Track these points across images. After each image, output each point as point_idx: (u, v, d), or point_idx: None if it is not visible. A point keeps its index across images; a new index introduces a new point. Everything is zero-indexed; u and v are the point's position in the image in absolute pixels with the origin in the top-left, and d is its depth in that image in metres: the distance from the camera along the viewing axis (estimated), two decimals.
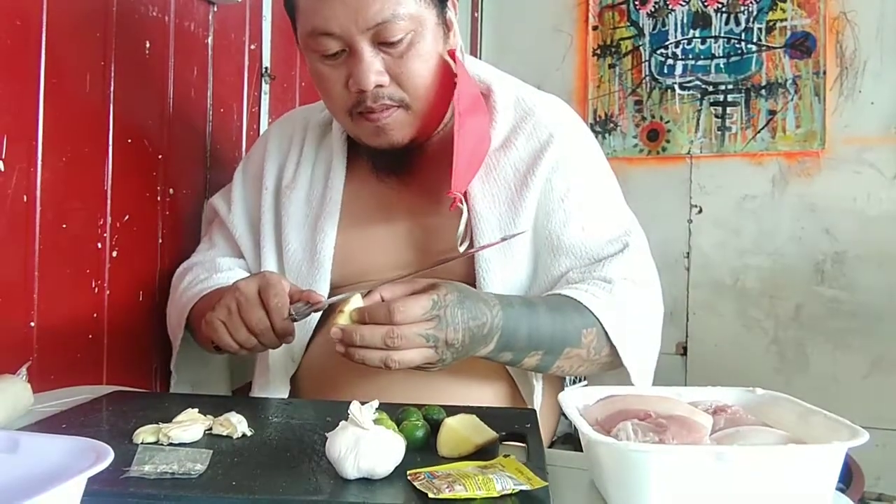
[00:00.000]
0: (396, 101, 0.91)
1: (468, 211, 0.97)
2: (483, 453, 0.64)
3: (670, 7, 2.43)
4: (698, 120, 2.38)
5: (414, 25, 0.88)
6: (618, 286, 0.92)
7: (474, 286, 0.96)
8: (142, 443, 0.66)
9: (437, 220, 0.98)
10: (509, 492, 0.54)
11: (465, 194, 0.97)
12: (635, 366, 0.91)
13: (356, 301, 0.79)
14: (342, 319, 0.78)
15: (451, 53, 0.95)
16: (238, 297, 0.85)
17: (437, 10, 0.92)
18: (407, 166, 0.99)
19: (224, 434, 0.70)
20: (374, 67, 0.88)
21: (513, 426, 0.72)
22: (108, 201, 1.09)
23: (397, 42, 0.87)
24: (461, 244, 0.93)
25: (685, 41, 2.41)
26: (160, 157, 1.20)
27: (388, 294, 0.81)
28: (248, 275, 1.02)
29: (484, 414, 0.70)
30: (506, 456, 0.62)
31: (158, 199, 1.20)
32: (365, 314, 0.76)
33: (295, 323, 0.85)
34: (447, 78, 0.94)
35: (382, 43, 0.87)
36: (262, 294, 0.84)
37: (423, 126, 0.95)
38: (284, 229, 1.03)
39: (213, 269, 1.07)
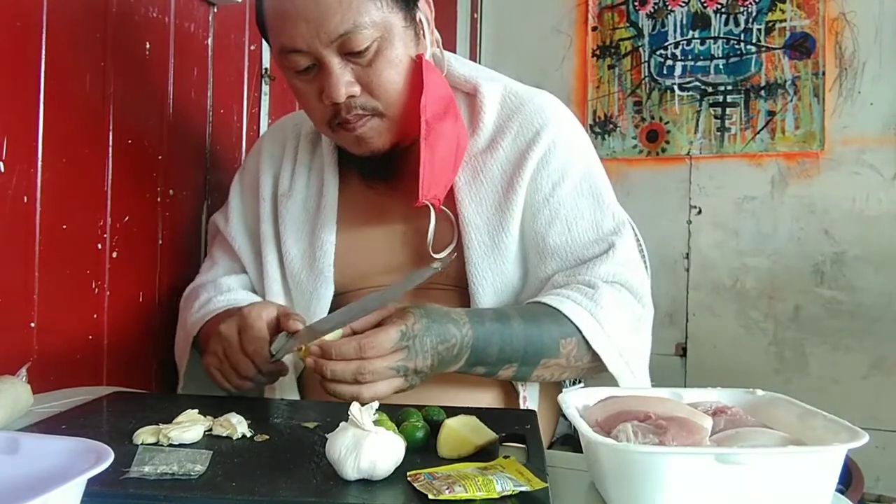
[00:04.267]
0: (370, 110, 0.91)
1: (455, 217, 0.97)
2: (483, 454, 0.64)
3: (670, 8, 2.43)
4: (698, 121, 2.39)
5: (379, 32, 0.87)
6: (601, 290, 0.90)
7: (467, 290, 0.97)
8: (142, 444, 0.66)
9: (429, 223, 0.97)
10: (509, 493, 0.54)
11: (452, 198, 0.97)
12: (621, 371, 0.90)
13: (334, 337, 0.79)
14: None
15: (419, 58, 0.93)
16: (223, 344, 0.85)
17: (403, 12, 0.90)
18: (395, 171, 0.99)
19: (224, 435, 0.70)
20: (343, 79, 0.87)
21: (513, 427, 0.72)
22: (108, 202, 1.09)
23: (364, 51, 0.87)
24: (436, 251, 0.94)
25: (684, 42, 2.41)
26: (160, 158, 1.20)
27: (358, 325, 0.80)
28: (245, 300, 1.02)
29: (484, 415, 0.70)
30: (506, 457, 0.62)
31: (158, 200, 1.20)
32: (332, 351, 0.75)
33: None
34: (423, 80, 0.92)
35: (349, 53, 0.87)
36: (241, 338, 0.84)
37: (403, 131, 0.94)
38: (283, 237, 1.04)
39: (216, 290, 1.06)
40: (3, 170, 0.92)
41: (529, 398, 0.97)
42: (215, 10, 1.32)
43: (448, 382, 0.92)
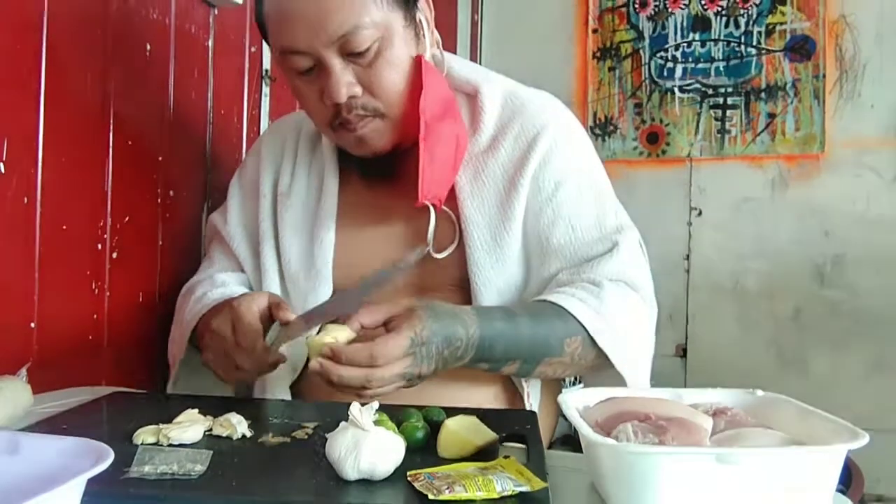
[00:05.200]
0: (371, 111, 0.90)
1: (457, 216, 0.97)
2: (483, 454, 0.64)
3: (670, 10, 2.43)
4: (698, 123, 2.39)
5: (380, 32, 0.87)
6: (606, 289, 0.91)
7: (469, 290, 0.97)
8: (142, 443, 0.66)
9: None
10: (509, 493, 0.54)
11: (454, 198, 0.97)
12: (627, 369, 0.90)
13: (334, 330, 0.78)
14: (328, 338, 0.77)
15: (419, 59, 0.92)
16: (217, 340, 0.85)
17: (403, 12, 0.90)
18: (396, 171, 0.99)
19: (224, 435, 0.70)
20: (344, 80, 0.87)
21: (513, 427, 0.72)
22: (109, 203, 1.09)
23: (365, 52, 0.87)
24: (438, 251, 0.94)
25: (685, 44, 2.41)
26: (160, 158, 1.20)
27: (367, 320, 0.79)
28: (238, 293, 1.02)
29: (484, 415, 0.70)
30: (506, 457, 0.62)
31: (158, 200, 1.20)
32: (342, 356, 0.75)
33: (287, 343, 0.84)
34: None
35: (350, 54, 0.87)
36: (234, 332, 0.83)
37: (404, 131, 0.94)
38: (281, 236, 1.03)
39: (212, 284, 1.06)
40: (3, 170, 0.92)
41: (532, 396, 0.97)
42: (216, 11, 1.32)
43: (448, 382, 0.92)
